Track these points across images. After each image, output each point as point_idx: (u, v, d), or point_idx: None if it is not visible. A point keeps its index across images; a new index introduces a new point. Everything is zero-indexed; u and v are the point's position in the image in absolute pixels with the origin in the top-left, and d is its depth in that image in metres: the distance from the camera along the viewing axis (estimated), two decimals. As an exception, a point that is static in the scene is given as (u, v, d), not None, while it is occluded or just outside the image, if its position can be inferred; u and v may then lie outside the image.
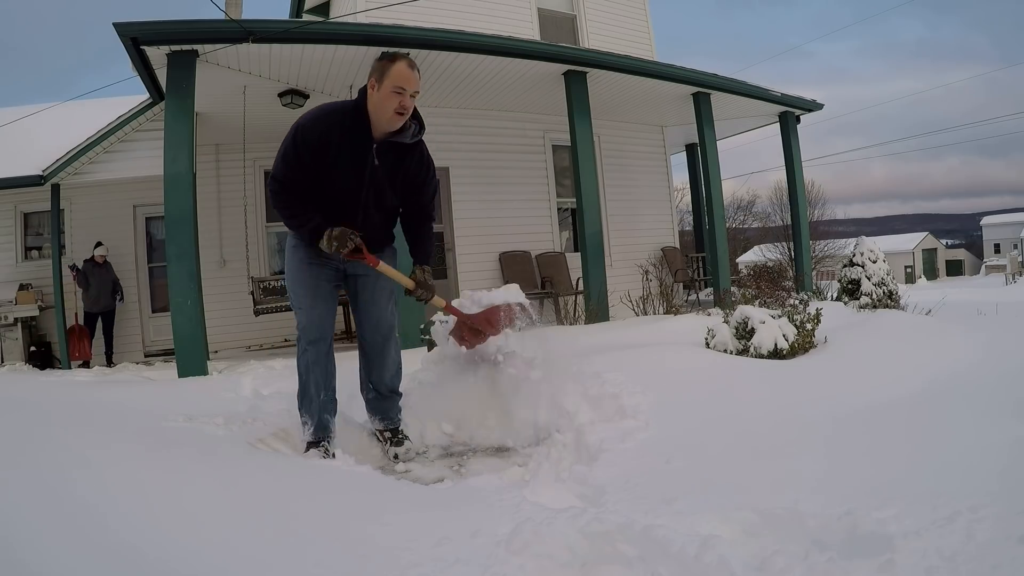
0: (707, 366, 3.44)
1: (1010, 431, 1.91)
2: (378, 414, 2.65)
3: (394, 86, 2.21)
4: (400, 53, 2.33)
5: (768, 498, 1.63)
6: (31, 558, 1.09)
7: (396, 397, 2.66)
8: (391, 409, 2.64)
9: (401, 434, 2.62)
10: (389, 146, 2.31)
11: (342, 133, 2.25)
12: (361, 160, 2.27)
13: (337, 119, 2.27)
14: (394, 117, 2.24)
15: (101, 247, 7.77)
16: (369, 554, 1.42)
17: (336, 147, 2.24)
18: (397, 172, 2.37)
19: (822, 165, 77.82)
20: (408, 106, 2.24)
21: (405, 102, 2.23)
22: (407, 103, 2.24)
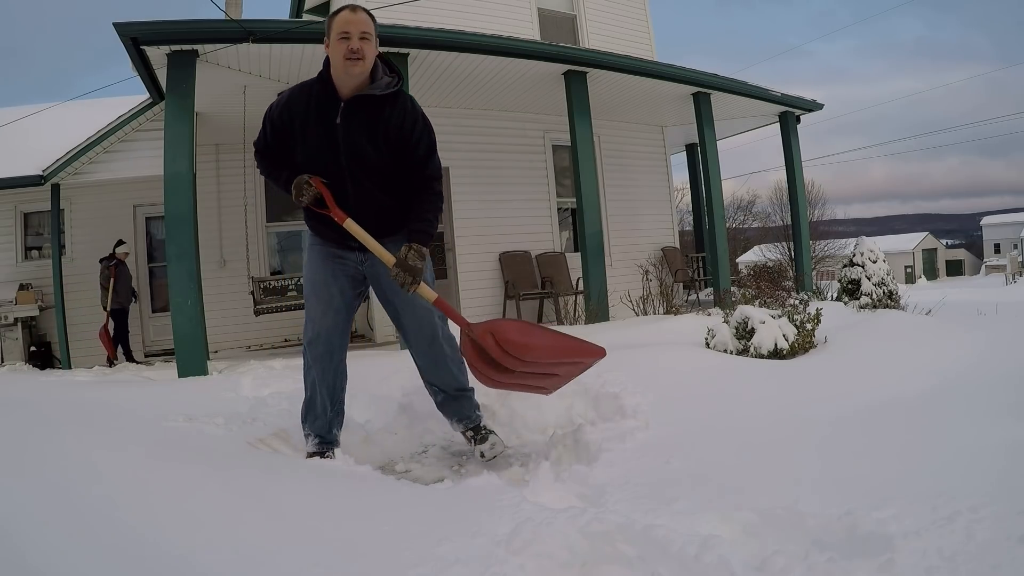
0: (707, 366, 3.44)
1: (1010, 431, 1.91)
2: (454, 415, 2.47)
3: (338, 34, 2.12)
4: (343, 7, 2.19)
5: (768, 498, 1.63)
6: (35, 556, 1.10)
7: (467, 393, 2.46)
8: (464, 407, 2.45)
9: (484, 430, 2.43)
10: (360, 102, 2.17)
11: (308, 101, 2.20)
12: (329, 122, 2.17)
13: (302, 89, 2.25)
14: (346, 64, 2.10)
15: (124, 245, 7.71)
16: (369, 554, 1.42)
17: (302, 116, 2.20)
18: (376, 128, 2.18)
19: (822, 165, 77.86)
20: (356, 48, 2.09)
21: (352, 45, 2.09)
22: (354, 45, 2.09)
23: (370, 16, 2.17)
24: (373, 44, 2.15)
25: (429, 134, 2.26)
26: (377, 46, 2.19)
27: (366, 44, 2.12)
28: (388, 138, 2.19)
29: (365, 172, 2.20)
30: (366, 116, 2.18)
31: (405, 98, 2.25)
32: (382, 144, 2.19)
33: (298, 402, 2.96)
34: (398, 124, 2.20)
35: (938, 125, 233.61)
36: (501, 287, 7.42)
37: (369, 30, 2.14)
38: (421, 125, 2.23)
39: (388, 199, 2.25)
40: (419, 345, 2.38)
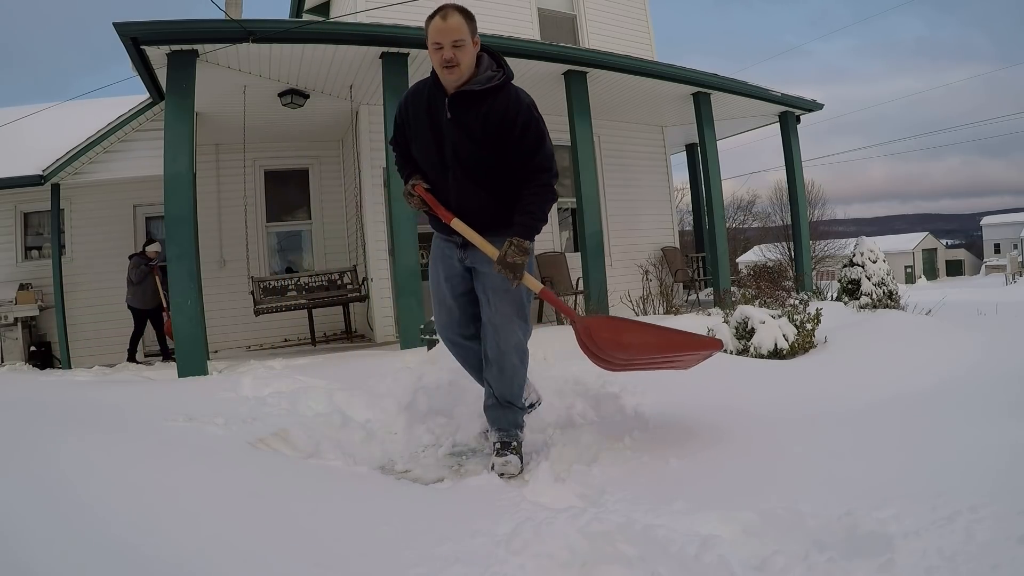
0: (707, 366, 3.44)
1: (1010, 431, 1.91)
2: (494, 423, 2.40)
3: (432, 43, 2.15)
4: (437, 10, 2.18)
5: (768, 498, 1.64)
6: (29, 557, 1.09)
7: (514, 407, 2.40)
8: (506, 418, 2.39)
9: (509, 449, 2.30)
10: (463, 97, 2.20)
11: (420, 97, 2.29)
12: (437, 117, 2.24)
13: (418, 86, 2.35)
14: (444, 72, 2.16)
15: (156, 244, 7.55)
16: (369, 553, 1.42)
17: (415, 112, 2.29)
18: (479, 122, 2.19)
19: (822, 165, 77.85)
20: (450, 58, 2.12)
21: (445, 55, 2.13)
22: (447, 55, 2.13)
23: (464, 16, 2.17)
24: (468, 48, 2.16)
25: (537, 124, 2.21)
26: (476, 43, 2.20)
27: (459, 51, 2.14)
28: (490, 131, 2.19)
29: (467, 167, 2.23)
30: (470, 110, 2.20)
31: (510, 88, 2.23)
32: (483, 138, 2.20)
33: (298, 402, 2.97)
34: (500, 115, 2.19)
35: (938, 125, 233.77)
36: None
37: (462, 36, 2.14)
38: (525, 115, 2.20)
39: (488, 195, 2.25)
40: (491, 347, 2.34)
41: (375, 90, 6.23)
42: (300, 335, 7.89)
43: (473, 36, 2.18)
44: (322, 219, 8.64)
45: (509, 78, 2.23)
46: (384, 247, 6.77)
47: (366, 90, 6.47)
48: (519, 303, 2.30)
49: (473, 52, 2.18)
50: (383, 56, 5.58)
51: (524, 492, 1.91)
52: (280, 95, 6.42)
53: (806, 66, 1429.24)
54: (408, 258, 5.38)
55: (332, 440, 2.48)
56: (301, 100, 6.47)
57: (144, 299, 7.43)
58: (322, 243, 8.63)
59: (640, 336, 2.28)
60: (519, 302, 2.30)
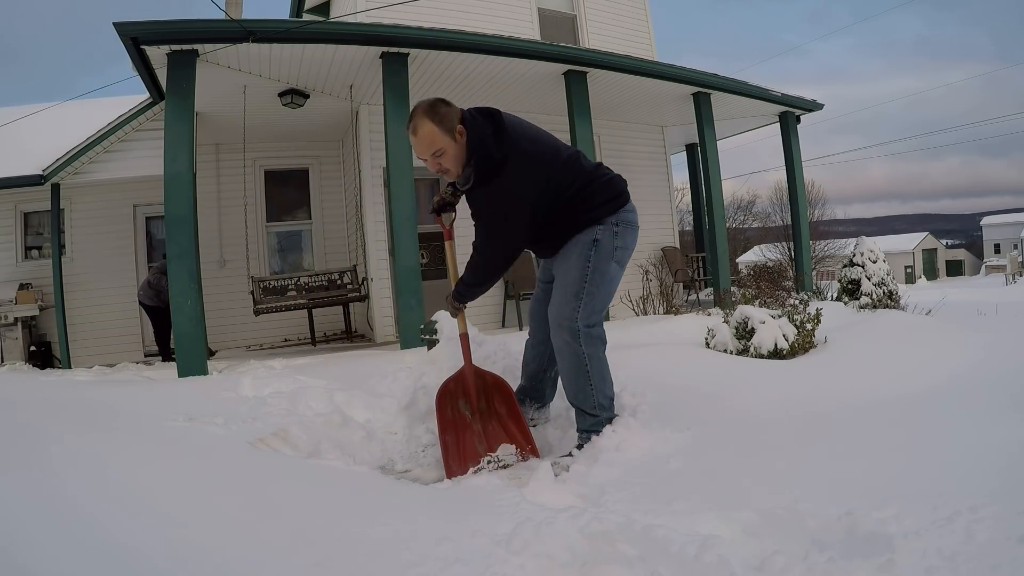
0: (707, 366, 3.44)
1: (1010, 431, 1.90)
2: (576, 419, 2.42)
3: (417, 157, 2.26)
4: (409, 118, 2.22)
5: (768, 498, 1.63)
6: (26, 557, 1.09)
7: (583, 414, 2.36)
8: (579, 420, 2.38)
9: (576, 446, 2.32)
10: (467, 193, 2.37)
11: None
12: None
13: None
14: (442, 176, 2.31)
15: None
16: (368, 553, 1.42)
17: None
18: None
19: (822, 165, 77.87)
20: (433, 168, 2.22)
21: (431, 166, 2.21)
22: (433, 167, 2.21)
23: (432, 119, 2.13)
24: (451, 149, 2.15)
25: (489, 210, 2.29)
26: (461, 132, 2.16)
27: (442, 158, 2.17)
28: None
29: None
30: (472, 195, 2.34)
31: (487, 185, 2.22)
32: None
33: (298, 401, 2.97)
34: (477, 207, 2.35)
35: (938, 124, 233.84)
36: (501, 287, 7.42)
37: (438, 144, 2.14)
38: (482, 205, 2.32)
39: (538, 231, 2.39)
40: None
41: (375, 90, 6.24)
42: (300, 335, 7.90)
43: (452, 132, 2.14)
44: (322, 219, 8.65)
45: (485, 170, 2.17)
46: (384, 247, 6.77)
47: (366, 90, 6.47)
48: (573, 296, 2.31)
49: (458, 149, 2.17)
50: (383, 56, 5.58)
51: (524, 492, 1.91)
52: (280, 95, 6.42)
53: (804, 65, 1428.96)
54: (408, 258, 5.38)
55: (332, 440, 2.48)
56: (301, 100, 6.47)
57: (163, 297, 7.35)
58: (322, 243, 8.63)
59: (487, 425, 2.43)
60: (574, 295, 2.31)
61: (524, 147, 2.18)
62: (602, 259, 2.28)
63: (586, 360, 2.27)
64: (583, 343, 2.26)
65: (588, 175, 2.33)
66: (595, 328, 2.30)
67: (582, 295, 2.26)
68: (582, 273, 2.26)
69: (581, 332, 2.25)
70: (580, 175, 2.30)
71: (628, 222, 2.38)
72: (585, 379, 2.28)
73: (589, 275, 2.26)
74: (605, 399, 2.32)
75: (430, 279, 6.76)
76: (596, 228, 2.29)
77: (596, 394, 2.29)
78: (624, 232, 2.35)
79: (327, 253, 8.59)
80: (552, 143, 2.34)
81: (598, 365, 2.29)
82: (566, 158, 2.31)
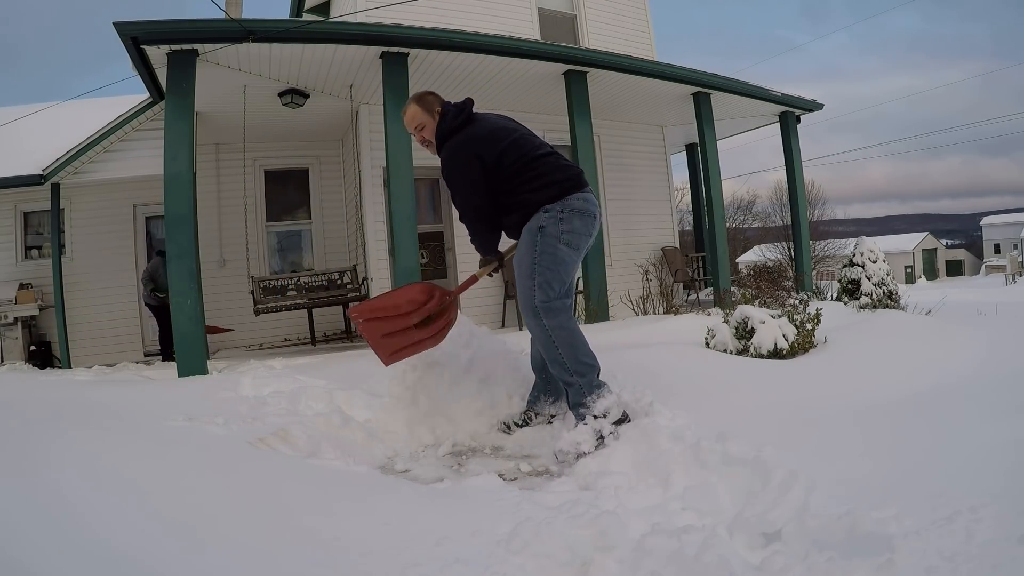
0: (707, 366, 3.44)
1: (1010, 431, 1.90)
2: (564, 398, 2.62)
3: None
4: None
5: (767, 497, 1.63)
6: (23, 556, 1.09)
7: (567, 387, 2.49)
8: (567, 397, 2.53)
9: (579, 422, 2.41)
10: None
11: None
12: None
13: None
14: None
15: None
16: (368, 553, 1.42)
17: None
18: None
19: (822, 165, 77.87)
20: (420, 140, 2.72)
21: (416, 138, 2.73)
22: (418, 139, 2.73)
23: (418, 103, 2.68)
24: (428, 125, 2.67)
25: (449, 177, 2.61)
26: (438, 112, 2.66)
27: (424, 131, 2.69)
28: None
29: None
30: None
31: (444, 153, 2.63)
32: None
33: (298, 401, 2.97)
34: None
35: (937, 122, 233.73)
36: (501, 287, 7.43)
37: (419, 121, 2.68)
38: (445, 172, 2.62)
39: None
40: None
41: (375, 90, 6.24)
42: (300, 335, 7.90)
43: (431, 112, 2.66)
44: (322, 219, 8.65)
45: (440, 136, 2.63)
46: (384, 247, 6.77)
47: (366, 90, 6.48)
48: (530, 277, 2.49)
49: (435, 125, 2.66)
50: (383, 56, 5.59)
51: (524, 490, 1.91)
52: (280, 95, 6.42)
53: (801, 62, 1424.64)
54: (408, 258, 5.38)
55: (332, 440, 2.47)
56: (301, 100, 6.48)
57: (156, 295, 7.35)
58: (322, 243, 8.64)
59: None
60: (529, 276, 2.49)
61: (477, 122, 2.62)
62: (548, 243, 2.46)
63: (550, 332, 2.42)
64: (544, 318, 2.42)
65: (532, 158, 2.55)
66: (553, 302, 2.44)
67: (535, 275, 2.45)
68: (531, 257, 2.47)
69: (540, 309, 2.43)
70: (524, 156, 2.54)
71: (573, 208, 2.50)
72: (555, 350, 2.42)
73: (537, 257, 2.45)
74: (578, 364, 2.42)
75: (430, 279, 6.76)
76: (541, 216, 2.49)
77: (568, 361, 2.41)
78: (569, 217, 2.49)
79: (327, 253, 8.59)
80: (508, 126, 2.66)
81: (562, 334, 2.42)
82: (517, 137, 2.59)
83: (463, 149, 2.54)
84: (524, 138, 2.61)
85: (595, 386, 2.42)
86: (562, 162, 2.61)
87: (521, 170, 2.52)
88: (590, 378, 2.43)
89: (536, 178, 2.52)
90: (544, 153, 2.59)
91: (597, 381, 2.44)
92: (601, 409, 2.36)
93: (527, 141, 2.61)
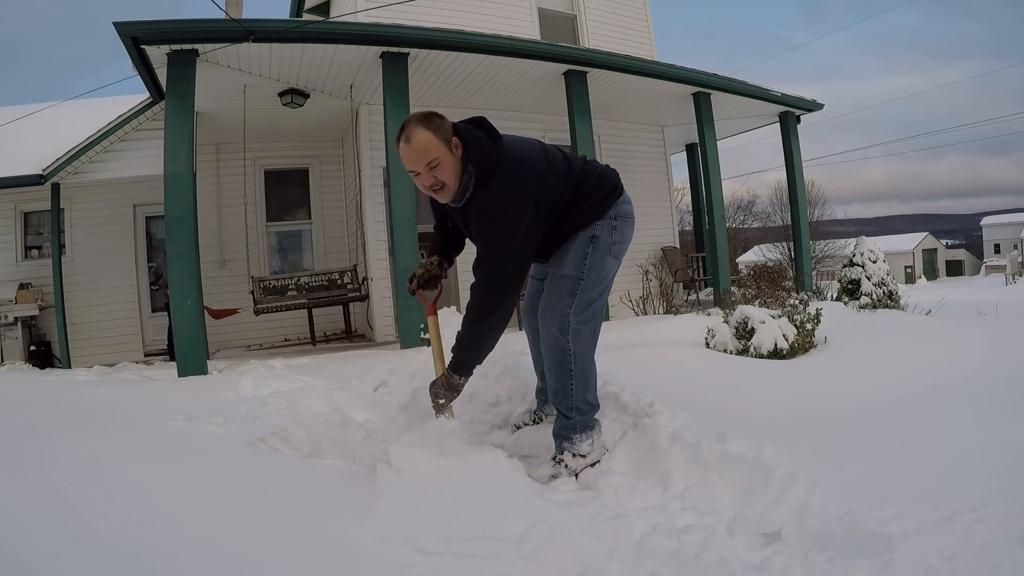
0: (707, 366, 3.44)
1: (1010, 431, 1.90)
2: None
3: (409, 172, 2.02)
4: (401, 130, 1.99)
5: (767, 497, 1.63)
6: (24, 558, 1.09)
7: (559, 415, 2.22)
8: (556, 421, 2.25)
9: (558, 460, 2.17)
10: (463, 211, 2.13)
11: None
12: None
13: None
14: (434, 196, 2.05)
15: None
16: (368, 553, 1.42)
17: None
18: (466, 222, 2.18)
19: (822, 165, 77.92)
20: (431, 184, 1.97)
21: (425, 181, 1.98)
22: (427, 182, 1.97)
23: (428, 127, 1.94)
24: (447, 161, 1.95)
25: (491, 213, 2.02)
26: (456, 144, 1.97)
27: (438, 170, 1.95)
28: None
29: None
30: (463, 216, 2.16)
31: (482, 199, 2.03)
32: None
33: (298, 401, 2.97)
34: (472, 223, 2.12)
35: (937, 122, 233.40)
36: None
37: (434, 154, 1.93)
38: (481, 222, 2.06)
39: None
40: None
41: (375, 90, 6.24)
42: (300, 335, 7.90)
43: (448, 143, 1.95)
44: (322, 219, 8.65)
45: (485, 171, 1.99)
46: (384, 247, 6.77)
47: (366, 90, 6.48)
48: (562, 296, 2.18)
49: (455, 161, 1.97)
50: (383, 56, 5.59)
51: (523, 490, 1.91)
52: (280, 95, 6.42)
53: (799, 61, 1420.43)
54: (408, 258, 5.38)
55: (332, 439, 2.47)
56: (301, 100, 6.47)
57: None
58: (322, 243, 8.64)
59: None
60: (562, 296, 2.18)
61: (516, 150, 2.08)
62: (599, 255, 2.19)
63: (571, 357, 2.14)
64: (571, 339, 2.14)
65: (579, 174, 2.21)
66: (587, 325, 2.17)
67: (577, 291, 2.15)
68: (578, 270, 2.16)
69: (571, 328, 2.14)
70: (572, 175, 2.19)
71: (624, 215, 2.29)
72: (567, 377, 2.16)
73: (586, 272, 2.16)
74: (584, 403, 2.18)
75: (430, 279, 6.75)
76: (595, 224, 2.20)
77: (575, 395, 2.17)
78: (622, 226, 2.28)
79: (327, 253, 8.59)
80: (536, 145, 2.22)
81: (582, 365, 2.16)
82: (555, 159, 2.19)
83: (521, 183, 2.00)
84: (562, 156, 2.24)
85: (588, 427, 2.21)
86: (600, 166, 2.34)
87: (575, 191, 2.17)
88: (587, 418, 2.21)
89: (590, 194, 2.20)
90: (585, 161, 2.31)
91: (592, 422, 2.22)
92: (585, 449, 2.17)
93: (566, 157, 2.25)
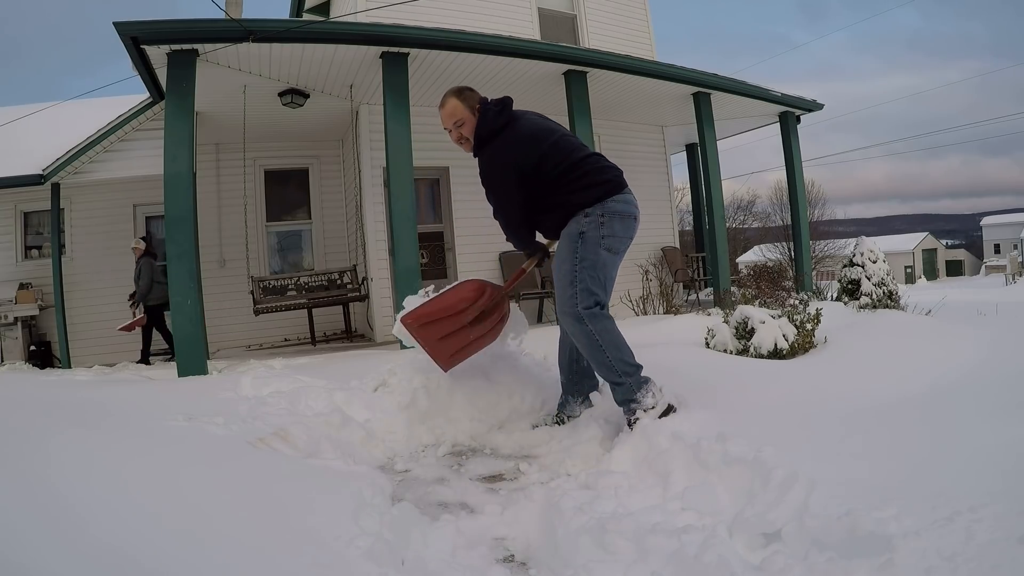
0: (707, 366, 3.44)
1: (1010, 431, 1.90)
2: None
3: (445, 129, 2.66)
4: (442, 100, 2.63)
5: (767, 497, 1.63)
6: (19, 558, 1.09)
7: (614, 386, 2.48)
8: (614, 395, 2.49)
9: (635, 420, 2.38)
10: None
11: None
12: None
13: None
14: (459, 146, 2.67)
15: (135, 240, 7.47)
16: (368, 553, 1.42)
17: None
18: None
19: (822, 165, 77.93)
20: (458, 138, 2.62)
21: (453, 136, 2.64)
22: (455, 136, 2.63)
23: (458, 96, 2.59)
24: (468, 122, 2.58)
25: (487, 185, 2.59)
26: (476, 109, 2.57)
27: (462, 128, 2.59)
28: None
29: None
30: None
31: (481, 157, 2.60)
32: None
33: (298, 401, 2.97)
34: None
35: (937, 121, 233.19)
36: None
37: (459, 116, 2.58)
38: (482, 180, 2.60)
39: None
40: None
41: (375, 90, 6.24)
42: (300, 335, 7.90)
43: (472, 108, 2.57)
44: (322, 219, 8.65)
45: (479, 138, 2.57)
46: (384, 247, 6.77)
47: (366, 90, 6.48)
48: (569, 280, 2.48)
49: (474, 122, 2.57)
50: (383, 56, 5.58)
51: (523, 490, 1.91)
52: (280, 95, 6.42)
53: (800, 62, 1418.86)
54: (408, 258, 5.38)
55: (332, 440, 2.47)
56: (301, 100, 6.47)
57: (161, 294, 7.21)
58: (322, 243, 8.64)
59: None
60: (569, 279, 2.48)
61: (517, 125, 2.54)
62: (589, 249, 2.45)
63: (596, 335, 2.43)
64: (588, 322, 2.43)
65: (576, 160, 2.51)
66: (594, 308, 2.45)
67: (576, 283, 2.44)
68: (572, 264, 2.45)
69: (583, 315, 2.43)
70: (568, 158, 2.51)
71: (613, 212, 2.49)
72: (601, 352, 2.44)
73: (578, 264, 2.44)
74: (626, 365, 2.44)
75: (430, 279, 6.75)
76: (581, 220, 2.46)
77: (615, 363, 2.43)
78: (610, 221, 2.47)
79: (327, 253, 8.59)
80: (549, 126, 2.62)
81: (608, 336, 2.44)
82: (558, 138, 2.55)
83: (502, 155, 2.51)
84: (565, 139, 2.59)
85: (641, 383, 2.45)
86: (603, 163, 2.59)
87: (564, 172, 2.49)
88: (637, 377, 2.46)
89: (577, 180, 2.49)
90: (585, 155, 2.57)
91: (642, 379, 2.47)
92: (650, 402, 2.40)
93: (568, 142, 2.58)
